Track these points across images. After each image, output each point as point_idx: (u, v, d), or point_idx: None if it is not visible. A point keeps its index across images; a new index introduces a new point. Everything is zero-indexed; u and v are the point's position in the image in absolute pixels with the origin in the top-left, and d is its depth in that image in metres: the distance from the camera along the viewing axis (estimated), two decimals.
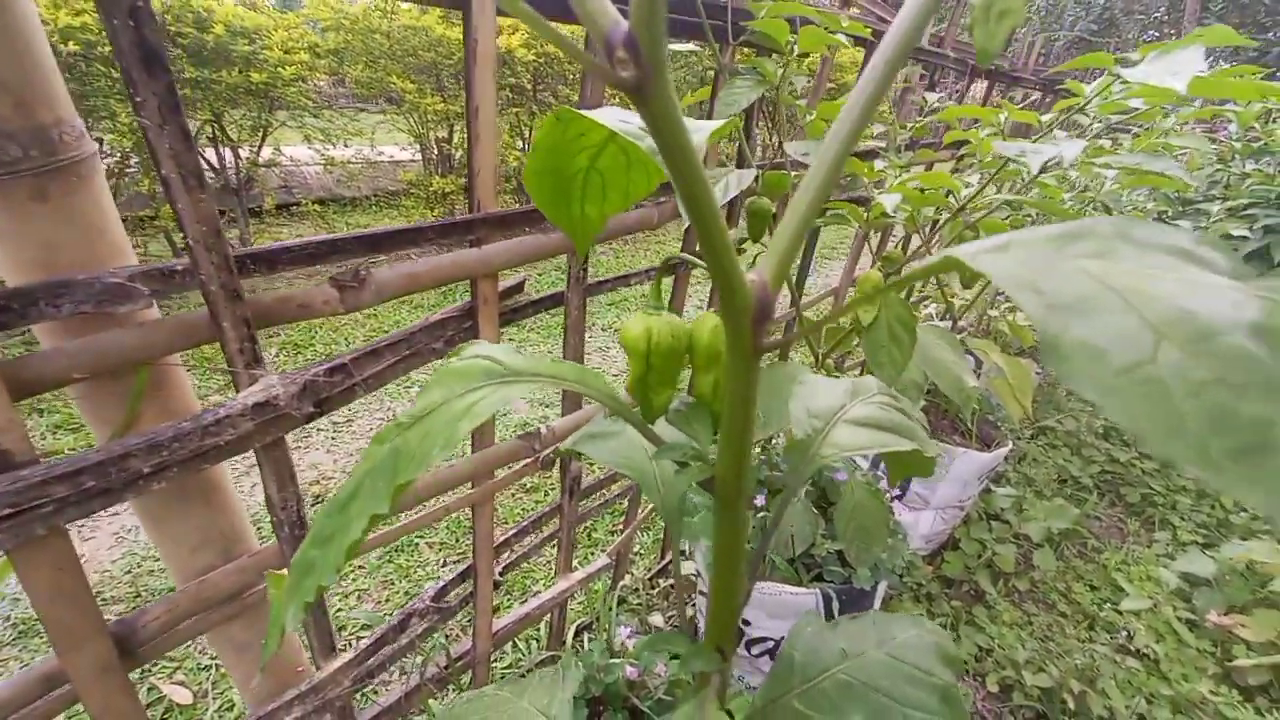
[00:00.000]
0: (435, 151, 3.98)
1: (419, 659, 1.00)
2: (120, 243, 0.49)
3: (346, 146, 3.89)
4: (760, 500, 1.13)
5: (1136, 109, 0.78)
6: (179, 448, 0.51)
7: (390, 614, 1.00)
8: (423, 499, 0.80)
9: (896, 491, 1.72)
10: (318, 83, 4.08)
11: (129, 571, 1.57)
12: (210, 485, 0.62)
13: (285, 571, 0.31)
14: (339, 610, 1.51)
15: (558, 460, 0.99)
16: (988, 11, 0.26)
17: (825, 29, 0.86)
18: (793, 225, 0.27)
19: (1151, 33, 13.07)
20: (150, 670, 1.30)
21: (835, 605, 1.06)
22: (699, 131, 0.34)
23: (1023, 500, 1.88)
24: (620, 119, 0.33)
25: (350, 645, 1.29)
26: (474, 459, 0.84)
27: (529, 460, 0.92)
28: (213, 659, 1.32)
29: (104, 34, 2.50)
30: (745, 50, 0.89)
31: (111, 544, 1.65)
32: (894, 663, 0.50)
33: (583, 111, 0.30)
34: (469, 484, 0.87)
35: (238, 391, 0.55)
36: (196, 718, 1.19)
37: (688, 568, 1.35)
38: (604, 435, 0.49)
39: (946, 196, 0.98)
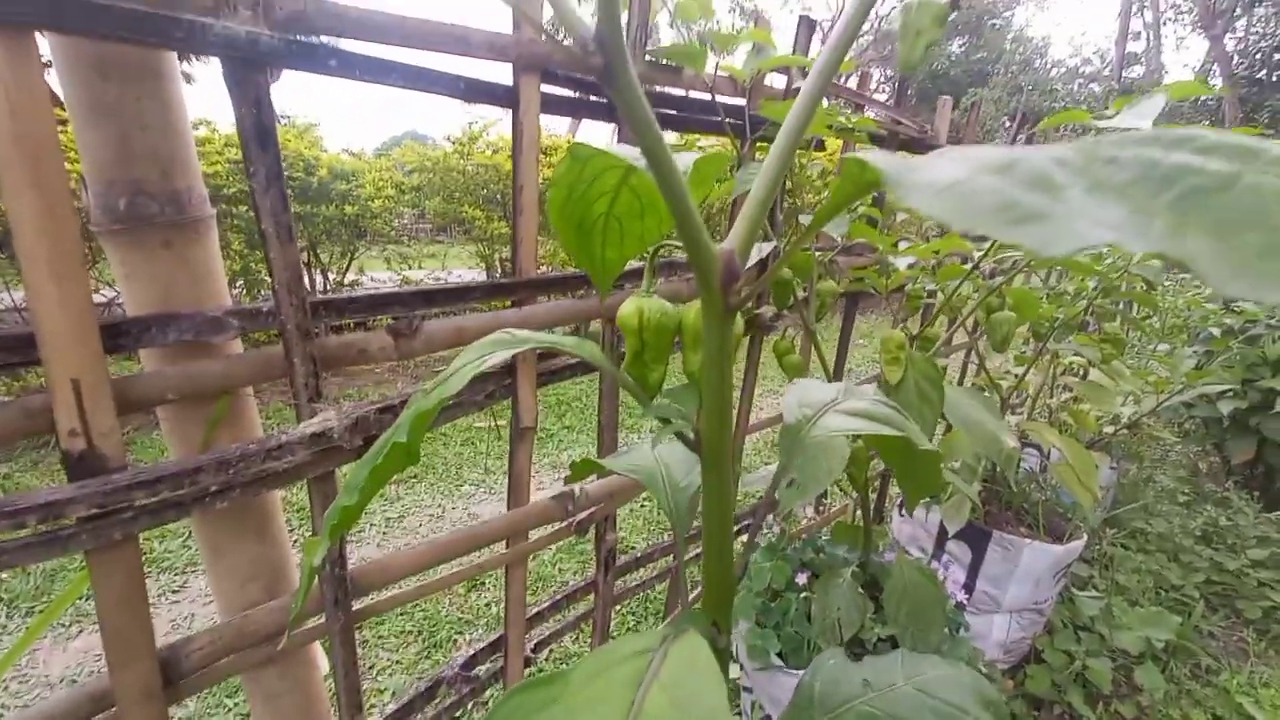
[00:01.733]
0: (499, 270, 4.34)
1: None
2: (220, 289, 0.58)
3: (421, 268, 4.31)
4: (802, 579, 1.08)
5: None
6: (244, 467, 0.57)
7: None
8: (460, 552, 0.82)
9: (963, 595, 1.58)
10: (400, 215, 4.62)
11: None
12: (265, 516, 0.67)
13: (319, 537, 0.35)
14: (372, 676, 1.47)
15: (593, 527, 1.00)
16: (908, 30, 0.32)
17: (827, 126, 0.97)
18: (755, 199, 0.32)
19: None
20: None
21: None
22: (684, 160, 0.40)
23: (1113, 609, 1.68)
24: (626, 152, 0.40)
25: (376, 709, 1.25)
26: (507, 517, 0.87)
27: (563, 525, 0.93)
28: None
29: (229, 178, 2.97)
30: (762, 143, 1.00)
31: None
32: (922, 697, 0.47)
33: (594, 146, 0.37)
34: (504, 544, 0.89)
35: (299, 422, 0.62)
36: None
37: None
38: (619, 454, 0.53)
39: (963, 264, 1.02)
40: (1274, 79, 12.20)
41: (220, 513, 0.63)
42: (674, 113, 0.94)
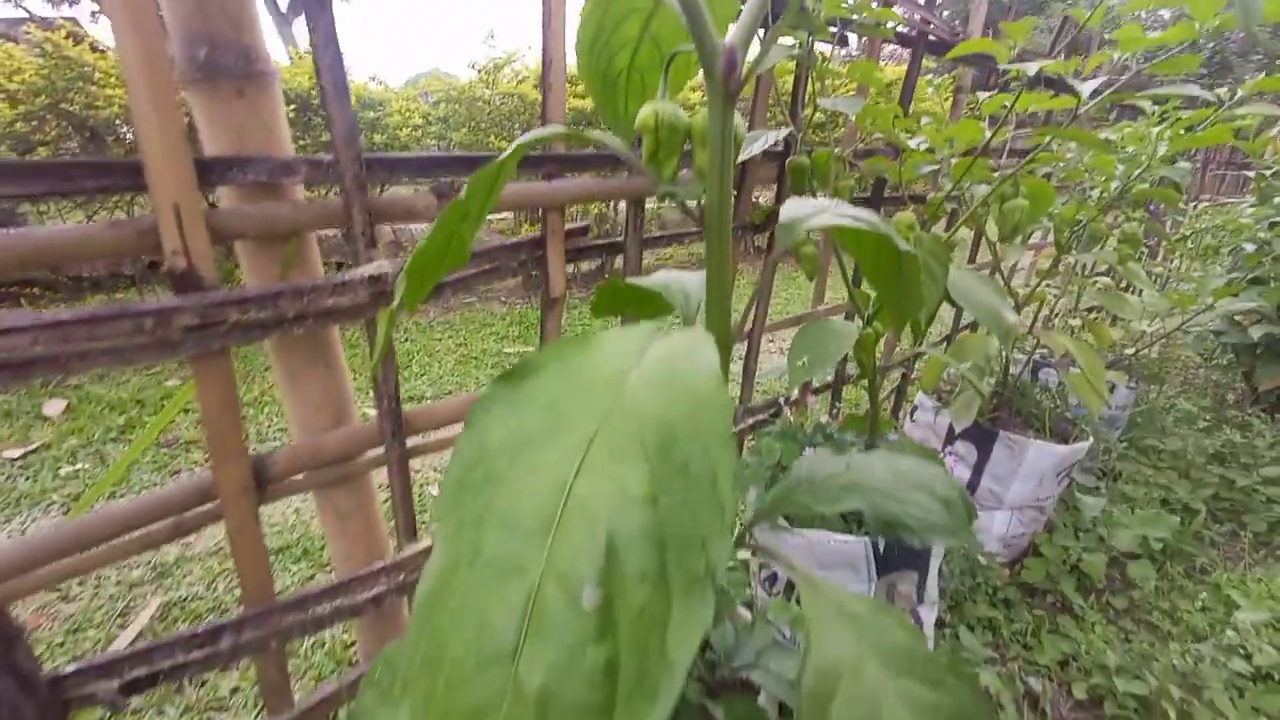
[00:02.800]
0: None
1: None
2: (285, 138, 0.66)
3: None
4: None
5: None
6: (315, 298, 0.66)
7: None
8: None
9: (948, 453, 1.64)
10: (427, 148, 4.64)
11: None
12: (333, 354, 0.77)
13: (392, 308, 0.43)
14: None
15: None
16: None
17: (849, 15, 0.98)
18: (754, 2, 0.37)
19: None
20: None
21: (890, 555, 1.06)
22: None
23: (1114, 513, 1.75)
24: None
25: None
26: None
27: None
28: None
29: None
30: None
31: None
32: (899, 474, 0.55)
33: None
34: None
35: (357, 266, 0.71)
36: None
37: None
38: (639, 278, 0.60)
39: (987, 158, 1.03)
40: None
41: (296, 341, 0.73)
42: None
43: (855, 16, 1.06)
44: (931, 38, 1.40)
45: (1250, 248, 1.89)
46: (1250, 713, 1.23)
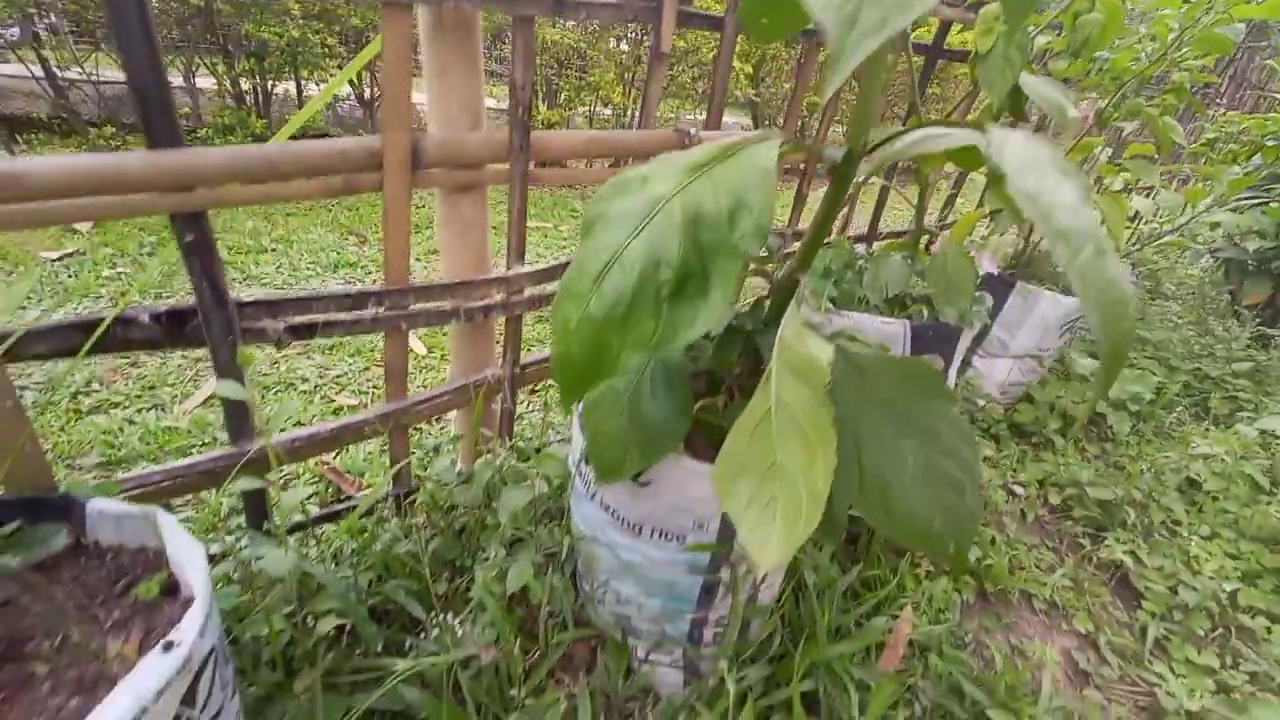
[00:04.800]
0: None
1: None
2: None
3: None
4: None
5: None
6: None
7: None
8: (610, 150, 1.01)
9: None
10: None
11: None
12: (476, 54, 0.84)
13: None
14: None
15: None
16: None
17: None
18: None
19: None
20: None
21: (923, 337, 1.20)
22: None
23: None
24: None
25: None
26: (639, 133, 1.04)
27: None
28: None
29: None
30: None
31: None
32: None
33: None
34: None
35: None
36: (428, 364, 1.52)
37: None
38: None
39: None
40: None
41: (445, 39, 0.80)
42: None
43: None
44: None
45: (1272, 142, 1.98)
46: (1196, 513, 1.44)
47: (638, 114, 1.01)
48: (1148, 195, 2.24)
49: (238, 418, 0.83)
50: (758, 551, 0.50)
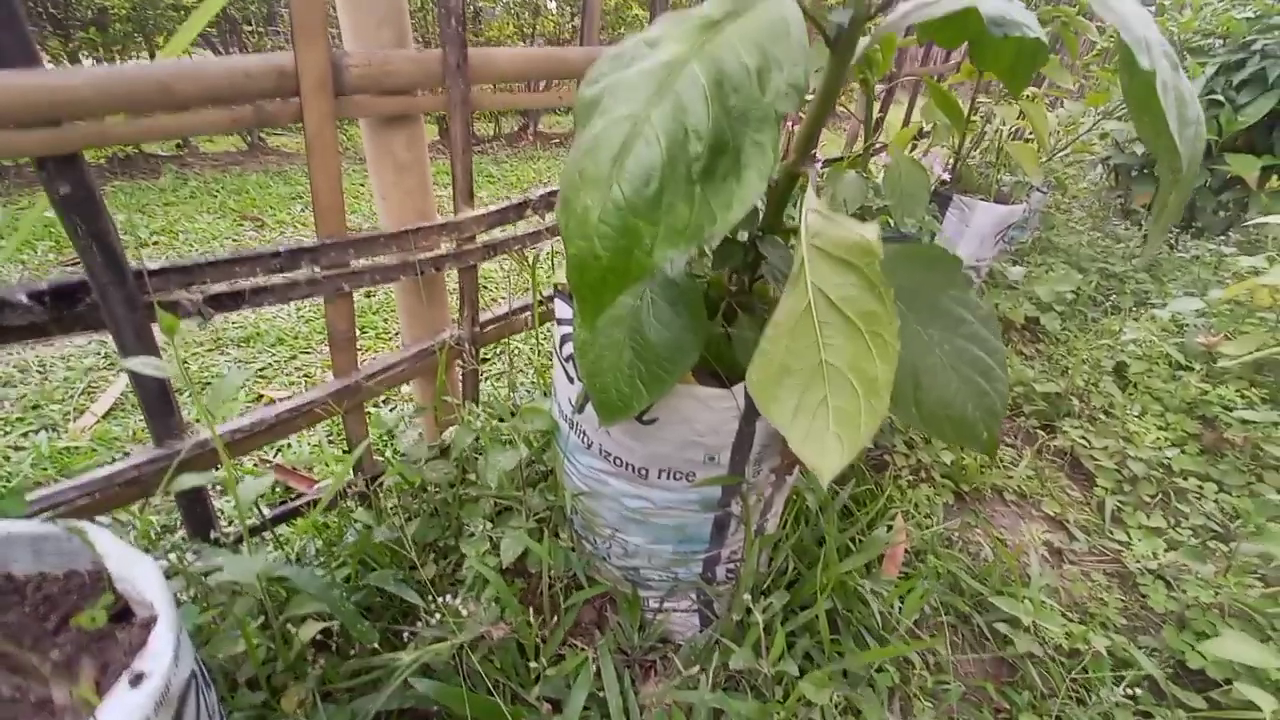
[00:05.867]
0: None
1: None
2: None
3: None
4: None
5: None
6: None
7: None
8: (552, 72, 0.91)
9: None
10: None
11: None
12: None
13: None
14: None
15: None
16: None
17: None
18: None
19: None
20: None
21: None
22: None
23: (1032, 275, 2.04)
24: None
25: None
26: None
27: None
28: None
29: None
30: None
31: None
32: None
33: None
34: None
35: None
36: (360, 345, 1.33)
37: None
38: None
39: None
40: None
41: None
42: None
43: None
44: None
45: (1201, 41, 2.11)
46: (1130, 393, 1.55)
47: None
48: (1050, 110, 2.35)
49: (161, 411, 0.70)
50: (816, 461, 0.46)
